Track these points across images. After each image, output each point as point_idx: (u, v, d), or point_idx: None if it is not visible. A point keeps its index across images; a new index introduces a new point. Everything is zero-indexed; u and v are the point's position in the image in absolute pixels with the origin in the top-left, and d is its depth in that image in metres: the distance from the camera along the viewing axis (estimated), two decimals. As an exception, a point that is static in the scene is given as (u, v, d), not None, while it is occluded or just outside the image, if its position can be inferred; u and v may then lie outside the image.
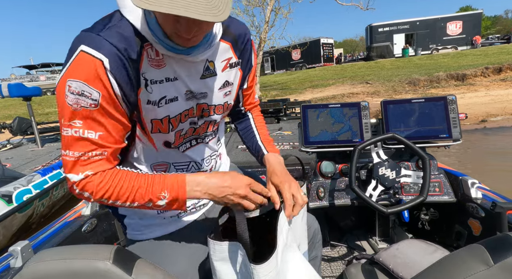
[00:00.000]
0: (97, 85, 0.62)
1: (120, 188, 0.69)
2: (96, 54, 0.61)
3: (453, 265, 0.58)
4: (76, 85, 0.61)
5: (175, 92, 0.74)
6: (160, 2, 0.52)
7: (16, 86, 4.19)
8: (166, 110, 0.74)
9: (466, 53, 17.47)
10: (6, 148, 4.70)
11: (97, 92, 0.62)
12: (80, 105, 0.63)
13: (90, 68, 0.61)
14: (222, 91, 0.84)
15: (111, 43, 0.62)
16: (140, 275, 0.67)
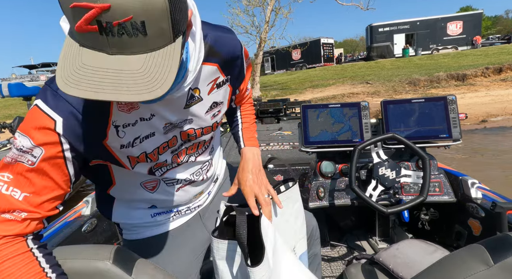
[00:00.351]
0: (42, 143, 0.57)
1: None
2: (49, 113, 0.56)
3: (453, 265, 0.58)
4: (21, 139, 0.57)
5: (150, 129, 0.69)
6: (82, 86, 0.43)
7: (16, 86, 4.19)
8: (140, 148, 0.70)
9: (467, 53, 17.46)
10: (6, 148, 4.70)
11: (40, 149, 0.57)
12: (16, 160, 0.57)
13: (39, 125, 0.56)
14: (209, 113, 0.79)
15: (69, 102, 0.57)
16: (140, 275, 0.67)
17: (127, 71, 0.45)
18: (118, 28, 0.42)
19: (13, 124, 5.14)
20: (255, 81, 11.96)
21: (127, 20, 0.42)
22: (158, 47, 0.47)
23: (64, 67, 0.45)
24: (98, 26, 0.42)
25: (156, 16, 0.43)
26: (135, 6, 0.41)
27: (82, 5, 0.41)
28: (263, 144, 2.97)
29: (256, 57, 11.82)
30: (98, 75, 0.44)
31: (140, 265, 0.69)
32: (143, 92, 0.45)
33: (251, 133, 1.02)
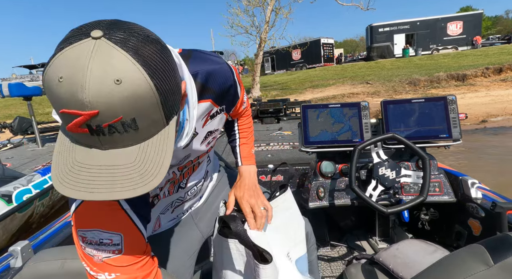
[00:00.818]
0: (116, 228, 0.54)
1: None
2: None
3: (453, 265, 0.58)
4: (92, 235, 0.53)
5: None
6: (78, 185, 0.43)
7: (16, 86, 4.19)
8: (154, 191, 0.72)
9: (467, 53, 17.45)
10: (6, 148, 4.70)
11: (118, 235, 0.54)
12: (101, 257, 0.53)
13: (103, 212, 0.54)
14: (205, 142, 0.80)
15: None
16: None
17: (121, 166, 0.44)
18: (108, 128, 0.42)
19: (13, 124, 5.14)
20: (255, 81, 11.96)
21: (117, 120, 0.41)
22: (151, 135, 0.46)
23: (58, 166, 0.44)
24: (89, 129, 0.42)
25: (147, 111, 0.43)
26: (124, 107, 0.41)
27: (70, 112, 0.40)
28: (263, 143, 2.97)
29: (256, 57, 11.82)
30: (92, 173, 0.43)
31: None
32: (138, 186, 0.44)
33: (248, 150, 1.02)
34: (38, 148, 4.41)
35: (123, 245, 0.54)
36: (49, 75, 0.41)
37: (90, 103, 0.39)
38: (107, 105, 0.40)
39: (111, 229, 0.53)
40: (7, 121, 5.54)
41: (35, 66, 23.37)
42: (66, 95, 0.40)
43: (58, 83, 0.40)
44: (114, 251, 0.53)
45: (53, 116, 0.53)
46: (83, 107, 0.40)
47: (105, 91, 0.39)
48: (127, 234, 0.55)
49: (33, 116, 4.41)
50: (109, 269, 0.53)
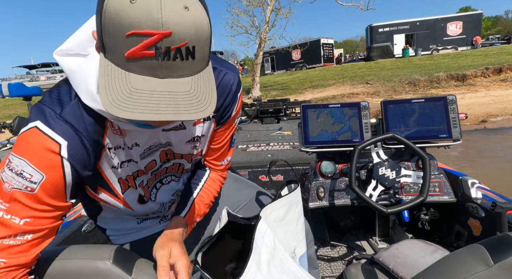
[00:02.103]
0: (44, 168, 0.54)
1: None
2: (52, 135, 0.54)
3: (453, 265, 0.58)
4: (18, 163, 0.53)
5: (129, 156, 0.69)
6: (141, 108, 0.44)
7: (16, 86, 4.18)
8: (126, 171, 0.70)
9: (467, 53, 17.46)
10: (6, 148, 4.69)
11: (41, 175, 0.54)
12: (12, 187, 0.53)
13: (41, 148, 0.53)
14: (189, 144, 0.77)
15: (72, 125, 0.56)
16: (140, 275, 0.67)
17: (181, 92, 0.47)
18: (174, 52, 0.44)
19: (13, 124, 5.13)
20: (255, 81, 11.97)
21: (183, 45, 0.44)
22: (200, 69, 0.50)
23: (111, 93, 0.45)
24: (156, 51, 0.44)
25: (204, 42, 0.47)
26: (191, 33, 0.44)
27: (142, 33, 0.42)
28: (263, 143, 2.96)
29: (256, 57, 11.82)
30: (154, 97, 0.45)
31: (140, 265, 0.69)
32: (197, 111, 0.47)
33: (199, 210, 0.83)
34: (38, 148, 4.41)
35: (38, 186, 0.54)
36: (115, 0, 0.42)
37: (166, 23, 0.42)
38: (179, 27, 0.43)
39: (37, 166, 0.53)
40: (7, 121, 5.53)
41: (35, 66, 23.39)
42: (140, 16, 0.42)
43: (130, 4, 0.42)
44: (27, 187, 0.54)
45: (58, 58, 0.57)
46: (157, 27, 0.42)
47: (178, 14, 0.43)
48: (50, 178, 0.55)
49: (33, 117, 4.41)
50: (11, 202, 0.54)
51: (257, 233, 0.72)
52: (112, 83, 0.46)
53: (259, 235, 0.73)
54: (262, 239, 0.73)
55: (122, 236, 0.89)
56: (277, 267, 0.73)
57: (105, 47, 0.46)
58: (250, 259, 0.66)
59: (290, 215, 0.88)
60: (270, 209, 0.82)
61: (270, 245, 0.74)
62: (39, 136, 0.54)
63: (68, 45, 0.59)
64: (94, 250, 0.68)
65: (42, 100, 0.59)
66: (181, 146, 0.76)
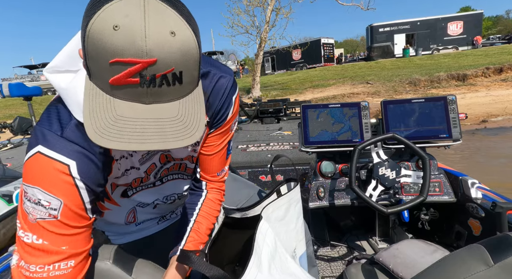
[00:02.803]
0: (58, 192, 0.52)
1: None
2: (58, 157, 0.52)
3: (453, 265, 0.58)
4: (32, 192, 0.52)
5: (132, 163, 0.69)
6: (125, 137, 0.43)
7: (16, 86, 4.19)
8: (127, 178, 0.71)
9: (467, 53, 17.43)
10: (6, 148, 4.70)
11: (58, 201, 0.52)
12: (36, 217, 0.52)
13: (50, 173, 0.52)
14: (187, 148, 0.77)
15: (77, 143, 0.55)
16: (140, 275, 0.67)
17: (167, 119, 0.46)
18: (160, 79, 0.43)
19: (13, 124, 5.14)
20: (255, 81, 11.96)
21: (169, 71, 0.43)
22: (189, 92, 0.49)
23: (96, 121, 0.44)
24: (140, 79, 0.42)
25: (192, 66, 0.46)
26: (177, 58, 0.43)
27: (126, 61, 0.41)
28: (263, 144, 2.96)
29: (256, 57, 11.82)
30: (139, 125, 0.44)
31: (140, 265, 0.69)
32: (185, 137, 0.46)
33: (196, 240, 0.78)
34: (39, 147, 4.40)
35: (60, 211, 0.52)
36: (98, 25, 0.40)
37: (150, 51, 0.41)
38: (164, 55, 0.42)
39: (52, 192, 0.52)
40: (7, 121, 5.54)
41: (35, 66, 23.39)
42: (123, 43, 0.40)
43: (113, 31, 0.40)
44: (50, 214, 0.52)
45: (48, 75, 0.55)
46: (141, 55, 0.41)
47: (163, 41, 0.41)
48: (69, 201, 0.53)
49: (33, 117, 4.41)
50: (40, 232, 0.52)
51: (258, 232, 0.72)
52: (96, 109, 0.44)
53: (260, 235, 0.72)
54: (263, 239, 0.73)
55: (121, 236, 0.89)
56: (278, 268, 0.73)
57: (90, 71, 0.45)
58: (251, 260, 0.66)
59: (290, 214, 0.88)
60: (271, 208, 0.82)
61: (271, 245, 0.74)
62: (44, 161, 0.52)
63: (57, 62, 0.57)
64: (94, 250, 0.68)
65: (40, 123, 0.56)
66: (179, 150, 0.75)
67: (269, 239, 0.75)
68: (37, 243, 0.52)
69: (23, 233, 0.53)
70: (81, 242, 0.57)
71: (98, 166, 0.58)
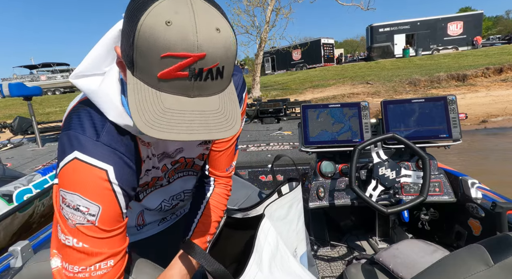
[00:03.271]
0: (97, 198, 0.53)
1: None
2: (97, 164, 0.54)
3: (453, 265, 0.58)
4: (71, 199, 0.53)
5: (154, 163, 0.71)
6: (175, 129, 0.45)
7: (16, 86, 4.19)
8: (147, 178, 0.72)
9: (467, 53, 17.44)
10: (6, 148, 4.71)
11: (97, 206, 0.54)
12: (75, 222, 0.53)
13: (89, 179, 0.53)
14: (201, 146, 0.79)
15: (114, 148, 0.56)
16: (140, 275, 0.67)
17: (209, 111, 0.48)
18: (206, 73, 0.46)
19: (13, 124, 5.14)
20: (255, 81, 11.96)
21: (215, 66, 0.46)
22: (225, 87, 0.52)
23: (144, 113, 0.45)
24: (189, 72, 0.45)
25: (231, 61, 0.48)
26: (221, 54, 0.46)
27: (178, 55, 0.43)
28: (263, 144, 2.96)
29: (256, 57, 11.81)
30: (186, 117, 0.46)
31: (140, 265, 0.69)
32: (227, 129, 0.49)
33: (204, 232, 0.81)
34: (38, 147, 4.41)
35: (98, 217, 0.54)
36: (150, 21, 0.43)
37: (200, 46, 0.43)
38: (211, 50, 0.44)
39: (91, 198, 0.53)
40: (7, 121, 5.54)
41: (35, 66, 23.37)
42: (176, 38, 0.42)
43: (166, 27, 0.42)
44: (88, 220, 0.53)
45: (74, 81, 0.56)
46: (193, 50, 0.43)
47: (211, 37, 0.44)
48: (107, 207, 0.55)
49: (33, 116, 4.41)
50: (79, 236, 0.53)
51: (260, 231, 0.72)
52: (143, 102, 0.46)
53: (262, 234, 0.72)
54: (265, 237, 0.73)
55: None
56: (278, 266, 0.73)
57: (135, 66, 0.46)
58: (251, 258, 0.66)
59: (292, 213, 0.88)
60: (274, 207, 0.82)
61: (272, 243, 0.74)
62: (82, 167, 0.53)
63: (83, 68, 0.58)
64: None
65: (73, 128, 0.56)
66: (193, 149, 0.78)
67: (271, 237, 0.75)
68: (78, 246, 0.54)
69: (65, 236, 0.54)
70: (118, 242, 0.58)
71: (133, 168, 0.60)
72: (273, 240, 0.75)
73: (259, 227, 0.73)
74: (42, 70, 23.70)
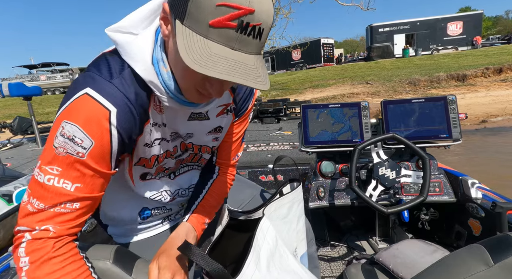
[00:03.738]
0: (93, 134, 0.56)
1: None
2: (103, 102, 0.56)
3: (453, 265, 0.58)
4: (70, 129, 0.55)
5: (164, 134, 0.72)
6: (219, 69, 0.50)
7: (16, 86, 4.19)
8: (155, 150, 0.72)
9: (467, 53, 17.45)
10: (6, 147, 4.70)
11: (90, 141, 0.56)
12: (66, 151, 0.55)
13: (92, 115, 0.55)
14: (210, 135, 0.81)
15: (123, 93, 0.58)
16: (140, 275, 0.67)
17: (248, 65, 0.53)
18: (251, 29, 0.50)
19: (13, 124, 5.14)
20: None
21: (258, 24, 0.51)
22: (259, 52, 0.57)
23: (192, 54, 0.50)
24: (238, 24, 0.49)
25: (269, 27, 0.53)
26: (265, 16, 0.50)
27: (232, 5, 0.48)
28: (263, 143, 2.96)
29: (256, 57, 11.80)
30: (229, 63, 0.51)
31: (140, 265, 0.69)
32: (261, 83, 0.54)
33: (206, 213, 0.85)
34: (38, 147, 4.40)
35: (88, 152, 0.56)
36: None
37: (252, 2, 0.48)
38: (260, 8, 0.49)
39: (88, 132, 0.56)
40: (7, 121, 5.54)
41: (35, 66, 23.36)
42: None
43: None
44: (78, 152, 0.56)
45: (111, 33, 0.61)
46: (246, 3, 0.48)
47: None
48: (99, 145, 0.57)
49: (33, 116, 4.40)
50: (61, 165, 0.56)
51: (259, 230, 0.72)
52: (192, 46, 0.51)
53: (261, 233, 0.72)
54: (263, 237, 0.73)
55: (125, 237, 0.89)
56: (277, 265, 0.73)
57: (187, 15, 0.51)
58: (249, 257, 0.66)
59: (292, 213, 0.88)
60: (274, 207, 0.82)
61: (271, 242, 0.74)
62: (90, 102, 0.56)
63: (125, 23, 0.62)
64: (94, 250, 0.68)
65: (89, 70, 0.60)
66: (202, 136, 0.80)
67: (270, 236, 0.75)
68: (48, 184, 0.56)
69: (38, 172, 0.57)
70: (93, 187, 0.60)
71: (135, 120, 0.62)
72: (272, 239, 0.75)
73: (258, 226, 0.73)
74: (42, 70, 23.69)
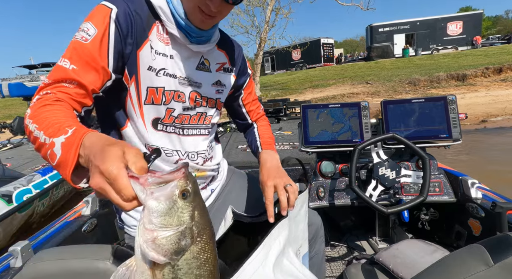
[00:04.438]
0: (97, 24, 0.70)
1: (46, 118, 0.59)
2: (108, 5, 0.72)
3: (453, 265, 0.58)
4: (84, 25, 0.70)
5: (173, 70, 0.81)
6: None
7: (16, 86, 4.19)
8: (162, 82, 0.80)
9: (467, 53, 17.45)
10: (6, 148, 4.70)
11: (94, 29, 0.70)
12: (75, 37, 0.70)
13: (99, 13, 0.71)
14: (214, 87, 0.93)
15: (126, 2, 0.73)
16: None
17: None
18: None
19: (13, 124, 5.14)
20: (255, 81, 11.96)
21: None
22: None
23: None
24: None
25: None
26: None
27: None
28: (263, 144, 2.96)
29: (256, 57, 11.81)
30: None
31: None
32: None
33: (269, 135, 1.11)
34: (38, 148, 4.39)
35: (91, 38, 0.69)
36: None
37: None
38: None
39: (93, 22, 0.70)
40: (7, 121, 5.54)
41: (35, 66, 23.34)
42: None
43: None
44: (83, 37, 0.69)
45: None
46: None
47: None
48: (100, 34, 0.70)
49: (33, 116, 4.39)
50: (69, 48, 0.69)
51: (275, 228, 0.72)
52: None
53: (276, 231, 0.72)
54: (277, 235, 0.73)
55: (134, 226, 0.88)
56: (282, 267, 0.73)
57: None
58: (255, 253, 0.66)
59: (301, 213, 0.89)
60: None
61: (282, 242, 0.75)
62: (101, 6, 0.72)
63: None
64: (94, 250, 0.68)
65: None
66: (208, 88, 0.90)
67: (283, 237, 0.75)
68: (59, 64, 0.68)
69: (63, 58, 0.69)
70: (89, 75, 0.69)
71: (133, 25, 0.73)
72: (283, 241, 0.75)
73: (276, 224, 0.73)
74: (42, 70, 23.65)
